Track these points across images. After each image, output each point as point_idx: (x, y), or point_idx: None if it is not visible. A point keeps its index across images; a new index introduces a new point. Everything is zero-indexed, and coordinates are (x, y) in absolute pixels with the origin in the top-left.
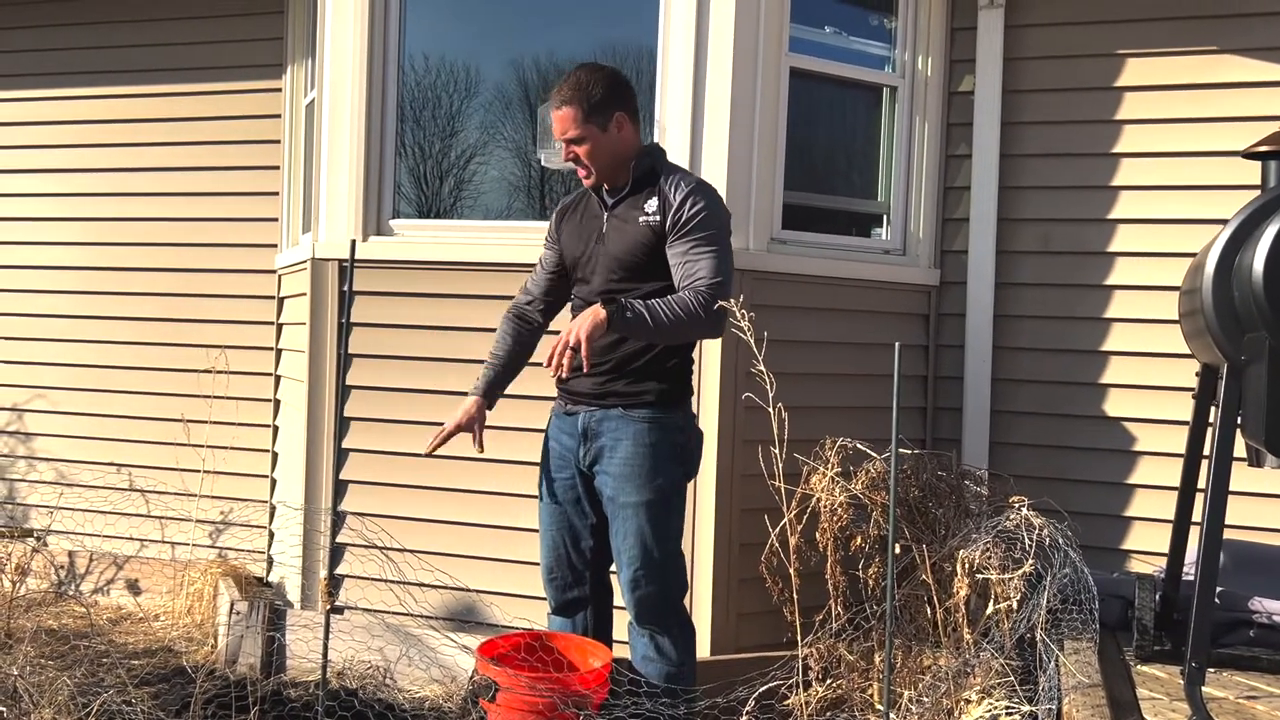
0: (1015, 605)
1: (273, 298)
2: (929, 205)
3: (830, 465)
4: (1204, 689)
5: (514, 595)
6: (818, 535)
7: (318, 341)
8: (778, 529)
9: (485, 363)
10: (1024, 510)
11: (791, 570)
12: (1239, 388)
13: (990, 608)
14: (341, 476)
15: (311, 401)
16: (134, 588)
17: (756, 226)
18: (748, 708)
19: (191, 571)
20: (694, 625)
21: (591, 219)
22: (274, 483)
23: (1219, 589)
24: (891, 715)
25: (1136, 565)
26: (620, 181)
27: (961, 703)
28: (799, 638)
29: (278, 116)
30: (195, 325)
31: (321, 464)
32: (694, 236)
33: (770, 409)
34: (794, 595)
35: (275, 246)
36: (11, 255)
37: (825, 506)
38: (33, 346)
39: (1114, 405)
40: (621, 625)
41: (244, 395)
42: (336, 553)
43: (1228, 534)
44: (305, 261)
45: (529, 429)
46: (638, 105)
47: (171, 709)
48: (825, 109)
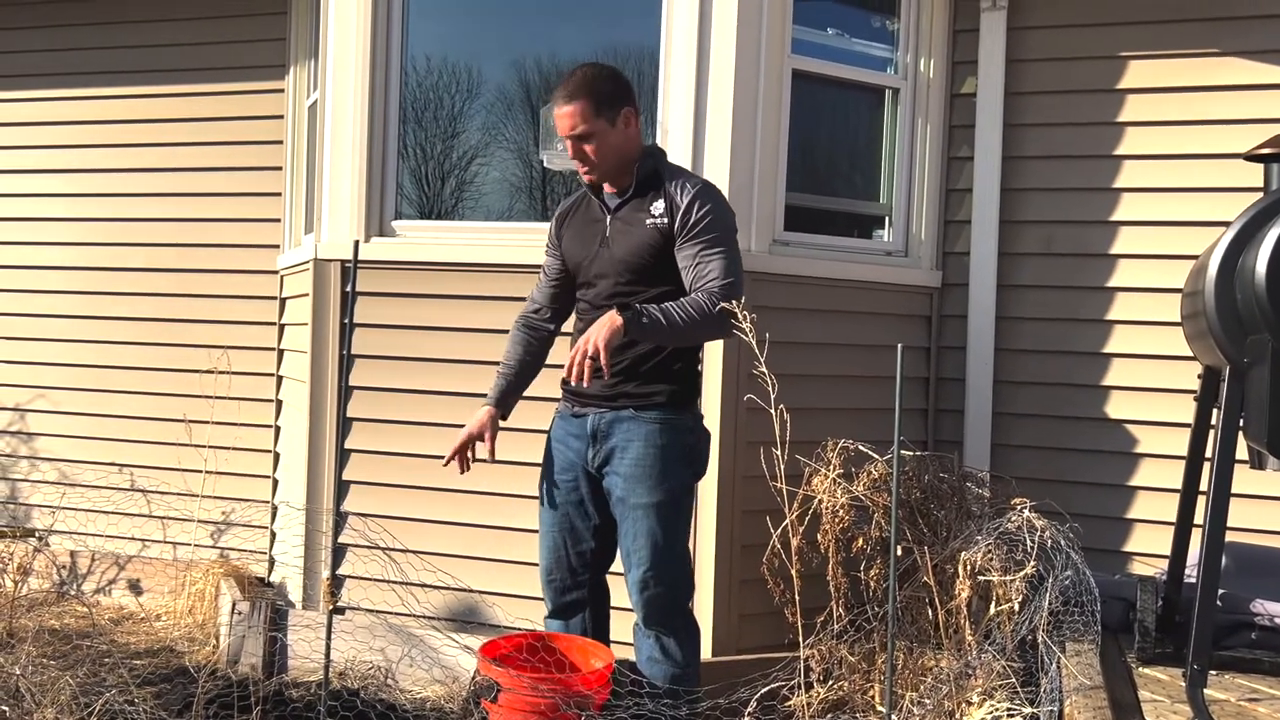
0: (1017, 607)
1: (275, 298)
2: (931, 207)
3: (832, 467)
4: (1206, 691)
5: (516, 596)
6: (819, 537)
7: (320, 342)
8: (779, 530)
9: (497, 372)
10: (1026, 512)
11: (793, 571)
12: (1241, 390)
13: (992, 609)
14: (344, 477)
15: (313, 402)
16: (136, 588)
17: (759, 228)
18: (749, 709)
19: (193, 572)
20: (699, 626)
21: (593, 223)
22: (276, 483)
23: (1221, 591)
24: (893, 717)
25: (1138, 567)
26: (623, 183)
27: (963, 704)
28: (800, 639)
29: (280, 117)
30: (197, 325)
31: (323, 464)
32: (703, 238)
33: (772, 410)
34: (795, 596)
35: (277, 247)
36: (13, 255)
37: (827, 508)
38: (35, 346)
39: (1116, 407)
40: (619, 628)
41: (246, 396)
42: (338, 553)
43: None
44: (307, 262)
45: (531, 430)
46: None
47: (173, 709)
48: (827, 111)
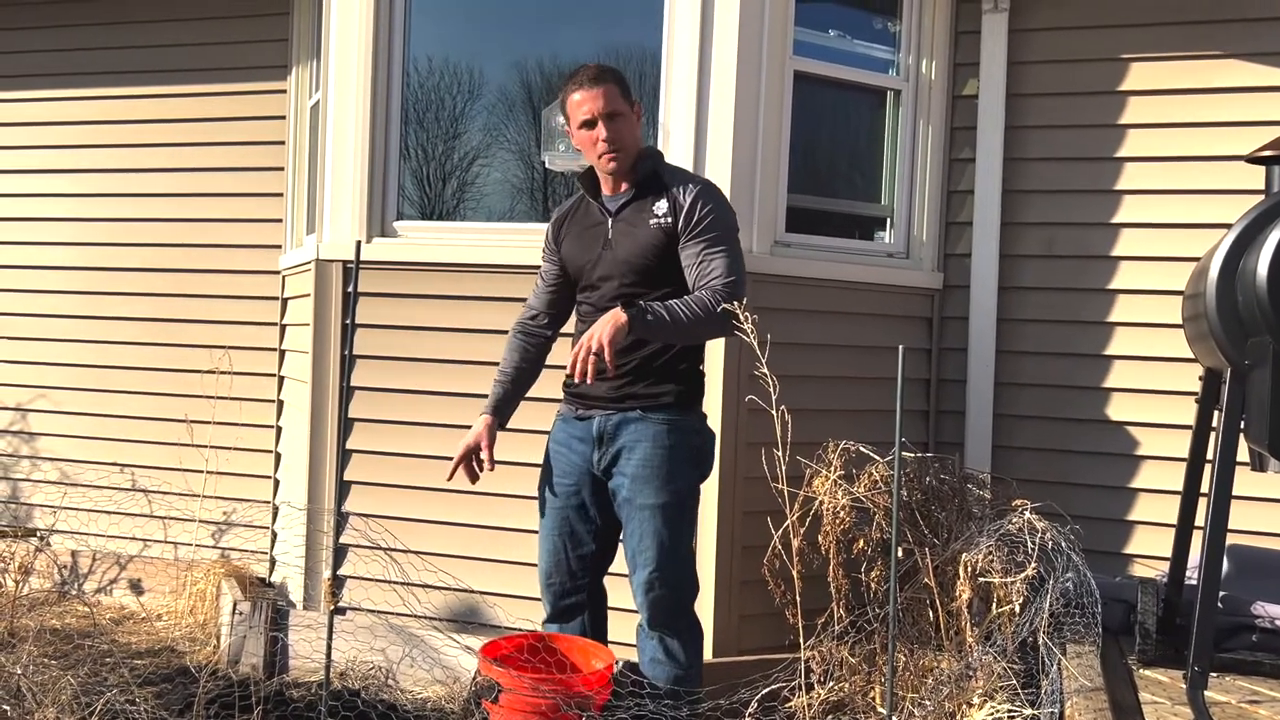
0: (1018, 609)
1: (276, 299)
2: (932, 209)
3: (833, 468)
4: (1206, 693)
5: (516, 597)
6: (820, 538)
7: (321, 342)
8: (780, 531)
9: (494, 380)
10: (1026, 514)
11: (794, 573)
12: (1242, 392)
13: (993, 611)
14: (345, 477)
15: (315, 402)
16: (137, 588)
17: (760, 229)
18: (750, 710)
19: (194, 572)
20: (702, 628)
21: (594, 226)
22: (277, 483)
23: (1221, 593)
24: (894, 718)
25: (1139, 569)
26: (624, 184)
27: (964, 706)
28: (801, 640)
29: (282, 118)
30: (199, 326)
31: (325, 465)
32: (706, 237)
33: (773, 411)
34: (796, 598)
35: (279, 248)
36: (14, 255)
37: (828, 509)
38: (37, 346)
39: (1117, 409)
40: (619, 629)
41: (247, 396)
42: (339, 553)
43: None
44: (309, 263)
45: (532, 430)
46: None
47: (174, 709)
48: (829, 112)
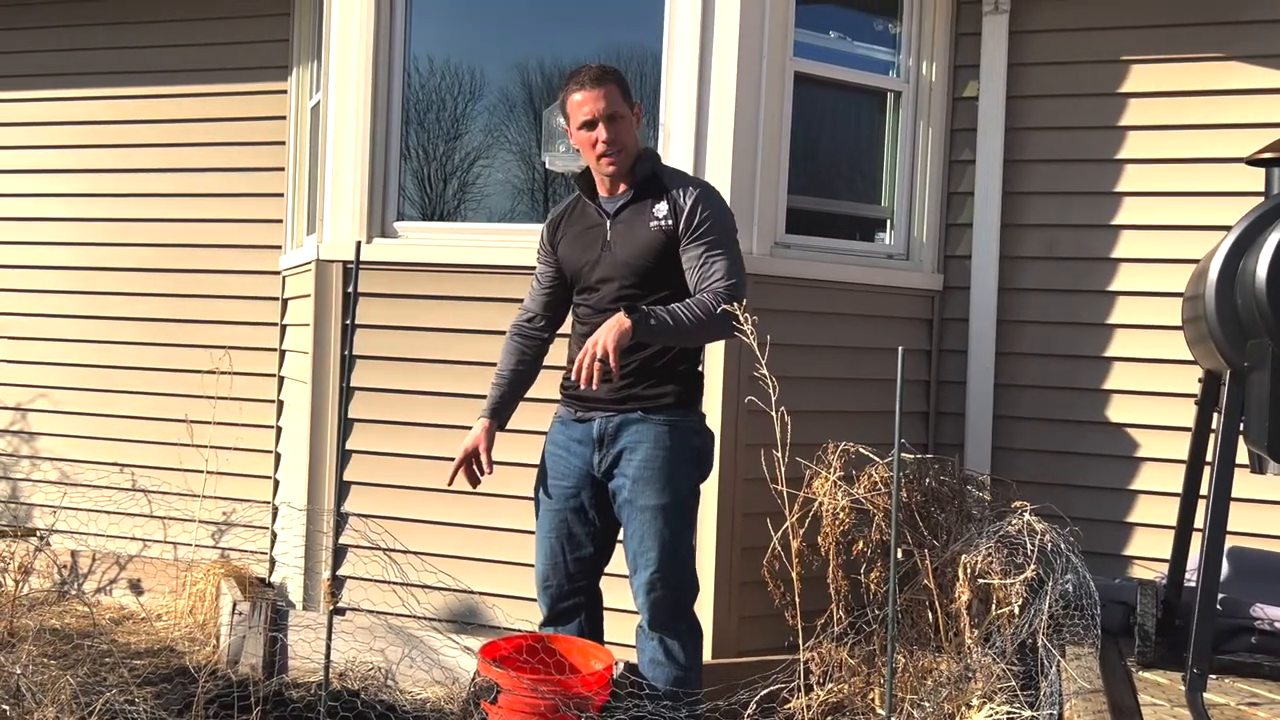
0: (1017, 610)
1: (277, 299)
2: (932, 210)
3: (832, 469)
4: (1205, 695)
5: (516, 597)
6: (820, 539)
7: (321, 343)
8: (780, 533)
9: (492, 383)
10: (1026, 515)
11: (793, 574)
12: (1241, 394)
13: (992, 613)
14: (344, 478)
15: (315, 402)
16: (136, 588)
17: (760, 231)
18: (749, 711)
19: (194, 572)
20: (701, 629)
21: (592, 228)
22: (277, 483)
23: (1221, 595)
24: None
25: (1139, 571)
26: (623, 185)
27: (963, 707)
28: (800, 641)
29: (283, 118)
30: (199, 326)
31: (324, 465)
32: (707, 240)
33: (773, 413)
34: (796, 599)
35: (280, 248)
36: (15, 255)
37: (827, 511)
38: (37, 346)
39: (1117, 411)
40: (618, 629)
41: (248, 396)
42: (339, 554)
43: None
44: (310, 263)
45: (531, 431)
46: None
47: (173, 709)
48: (829, 114)
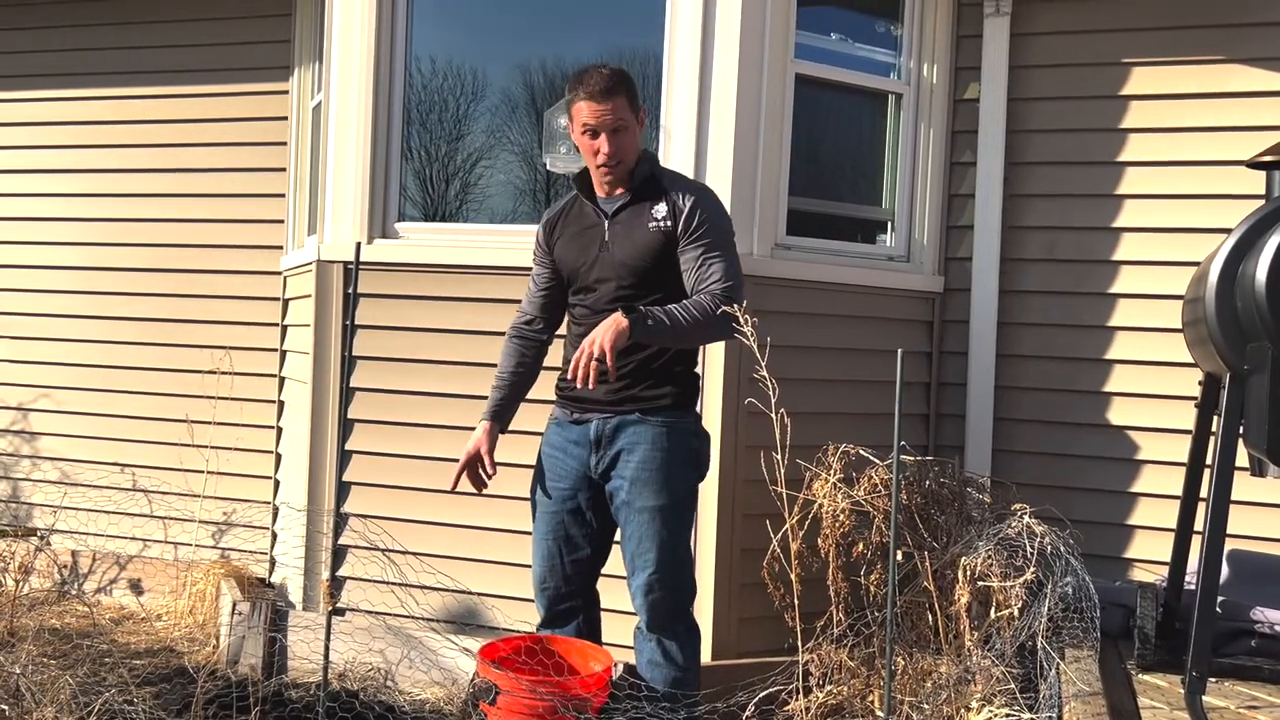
0: (1017, 613)
1: (278, 299)
2: (933, 212)
3: (832, 471)
4: (1205, 698)
5: (515, 598)
6: (819, 541)
7: (322, 343)
8: (779, 534)
9: (492, 386)
10: (1026, 518)
11: (793, 576)
12: (1241, 397)
13: (992, 615)
14: (344, 478)
15: (315, 403)
16: (136, 588)
17: (761, 232)
18: (748, 713)
19: (194, 572)
20: (700, 630)
21: (590, 227)
22: (277, 484)
23: (1220, 598)
24: None
25: (1138, 574)
26: (621, 187)
27: (962, 710)
28: (800, 643)
29: (284, 119)
30: (200, 326)
31: (325, 465)
32: (705, 242)
33: (773, 414)
34: (795, 601)
35: (281, 248)
36: (16, 255)
37: (827, 512)
38: (38, 346)
39: (1117, 413)
40: (616, 630)
41: (248, 396)
42: (339, 554)
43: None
44: (310, 263)
45: (530, 432)
46: None
47: (173, 709)
48: (830, 115)
